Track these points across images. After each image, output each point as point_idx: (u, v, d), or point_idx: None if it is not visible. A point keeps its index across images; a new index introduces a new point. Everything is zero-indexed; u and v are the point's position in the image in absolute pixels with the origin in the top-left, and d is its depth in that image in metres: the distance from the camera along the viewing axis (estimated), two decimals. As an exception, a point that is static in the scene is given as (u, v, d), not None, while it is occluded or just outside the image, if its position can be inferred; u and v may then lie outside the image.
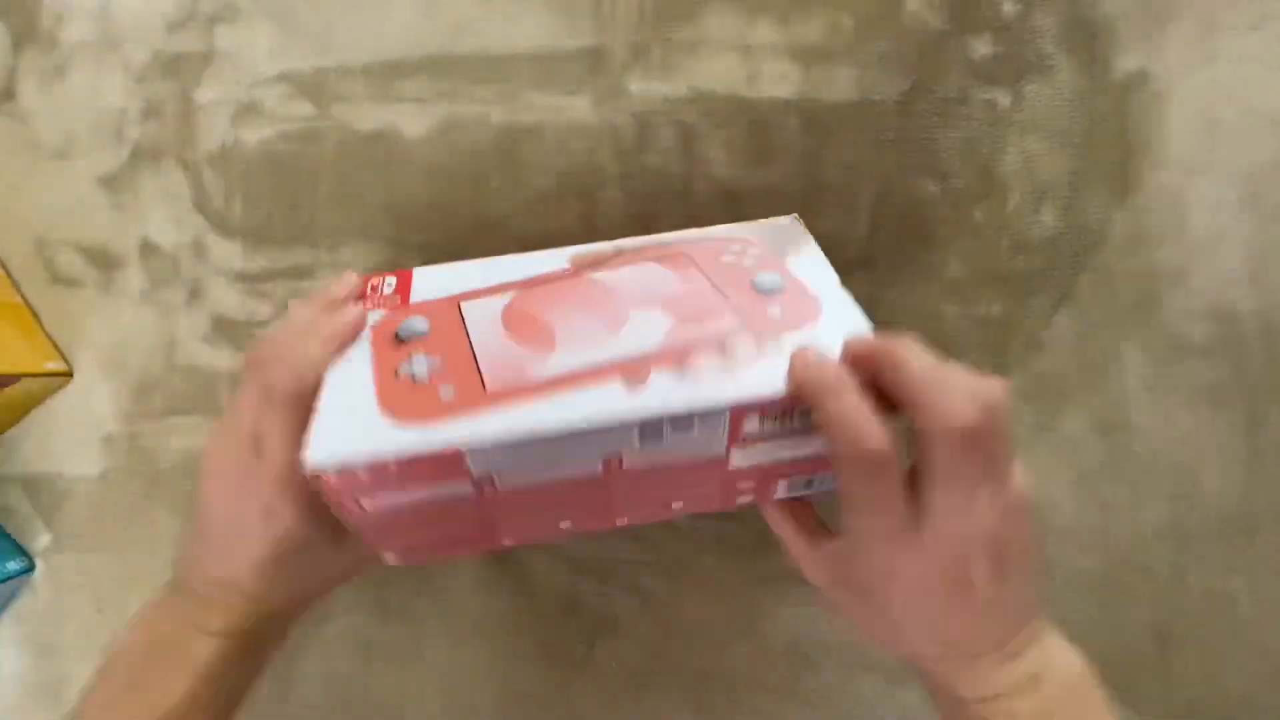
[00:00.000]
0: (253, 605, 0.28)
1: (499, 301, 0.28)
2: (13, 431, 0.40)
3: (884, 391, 0.24)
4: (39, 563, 0.40)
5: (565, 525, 0.28)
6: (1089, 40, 0.36)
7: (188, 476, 0.39)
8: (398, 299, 0.29)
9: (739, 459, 0.26)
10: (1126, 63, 0.36)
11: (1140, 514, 0.36)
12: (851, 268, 0.37)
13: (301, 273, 0.38)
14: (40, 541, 0.40)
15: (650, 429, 0.24)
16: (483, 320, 0.27)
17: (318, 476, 0.23)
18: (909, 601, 0.24)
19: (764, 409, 0.24)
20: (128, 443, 0.39)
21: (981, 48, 0.36)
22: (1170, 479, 0.36)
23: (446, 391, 0.24)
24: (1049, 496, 0.37)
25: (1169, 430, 0.36)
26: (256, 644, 0.28)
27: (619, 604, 0.38)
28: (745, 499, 0.28)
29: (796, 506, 0.29)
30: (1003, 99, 0.36)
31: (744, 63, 0.36)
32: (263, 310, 0.39)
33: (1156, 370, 0.36)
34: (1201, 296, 0.36)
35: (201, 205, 0.39)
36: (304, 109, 0.38)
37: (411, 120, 0.38)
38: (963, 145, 0.36)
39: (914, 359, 0.23)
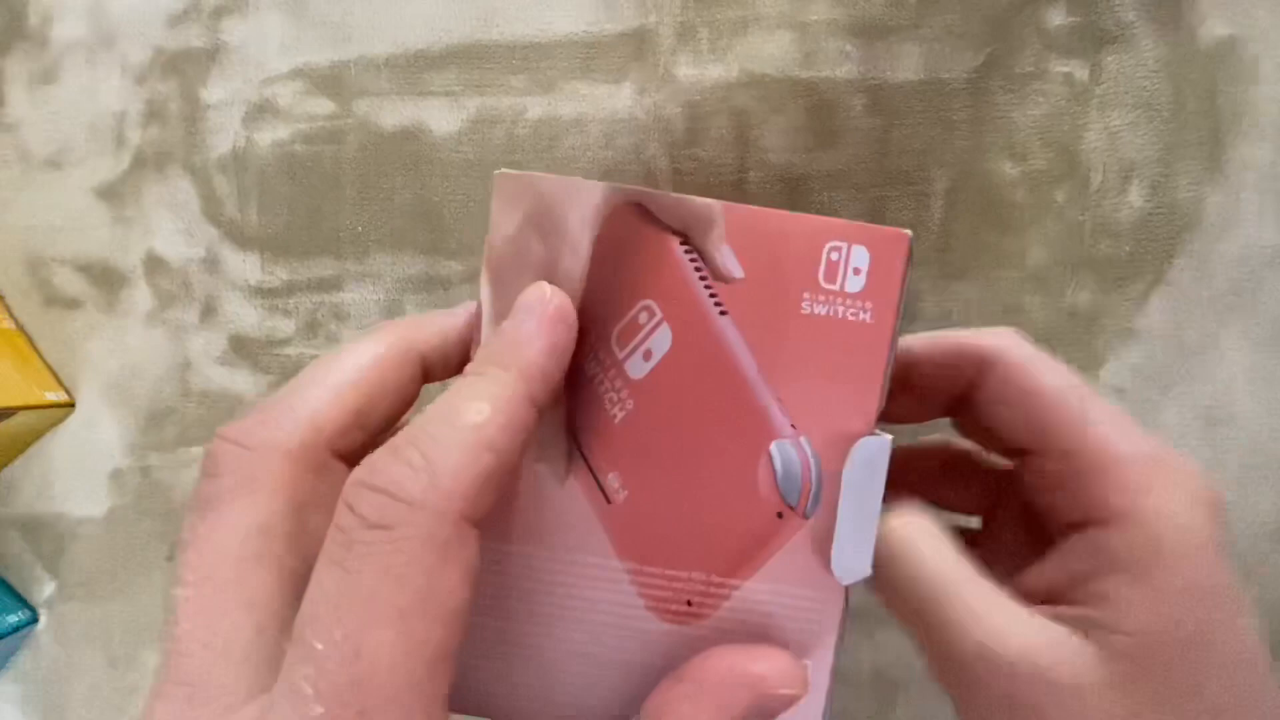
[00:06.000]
0: None
1: None
2: (10, 470, 0.37)
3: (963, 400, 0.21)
4: (42, 614, 0.37)
5: None
6: (1172, 6, 0.33)
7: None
8: None
9: None
10: (1213, 29, 0.33)
11: (1250, 512, 0.34)
12: (925, 258, 0.34)
13: (326, 285, 0.35)
14: (43, 590, 0.37)
15: None
16: None
17: None
18: None
19: None
20: (138, 477, 0.36)
21: (1056, 18, 0.34)
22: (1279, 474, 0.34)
23: None
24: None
25: (1277, 421, 0.34)
26: None
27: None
28: None
29: None
30: (1080, 72, 0.34)
31: (799, 42, 0.34)
32: (284, 328, 0.36)
33: (1260, 358, 0.34)
34: (1304, 277, 0.33)
35: (212, 214, 0.36)
36: (322, 106, 0.35)
37: (441, 115, 0.35)
38: (1040, 123, 0.34)
39: (1060, 384, 0.18)
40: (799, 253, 0.20)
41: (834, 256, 0.20)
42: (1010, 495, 0.23)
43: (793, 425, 0.20)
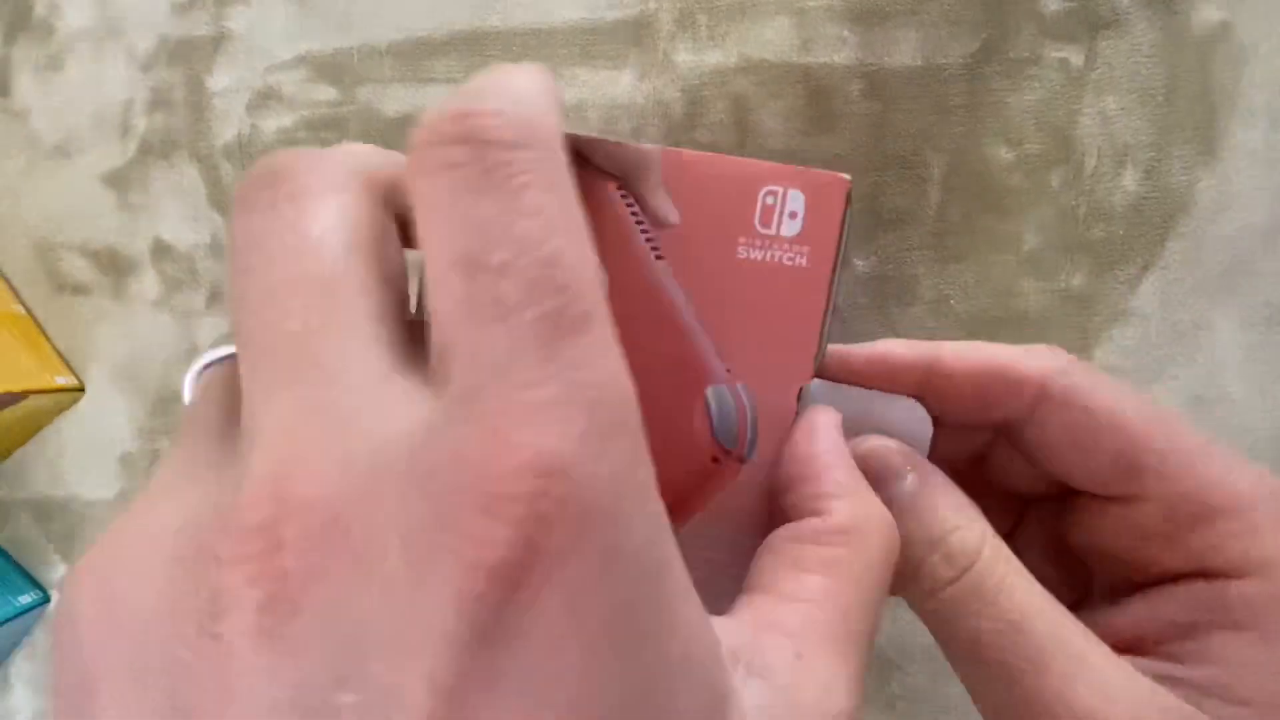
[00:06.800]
0: None
1: None
2: (20, 453, 0.37)
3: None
4: (54, 595, 0.37)
5: None
6: (1166, -9, 0.34)
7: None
8: None
9: None
10: (1206, 15, 0.34)
11: (1241, 493, 0.34)
12: (922, 242, 0.35)
13: (331, 270, 0.36)
14: (54, 572, 0.37)
15: None
16: None
17: None
18: None
19: None
20: (147, 461, 0.37)
21: (1052, 3, 0.34)
22: (1273, 454, 0.34)
23: None
24: (1140, 478, 0.35)
25: (1269, 403, 0.34)
26: None
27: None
28: None
29: None
30: (1076, 57, 0.34)
31: (798, 27, 0.34)
32: (290, 312, 0.36)
33: (1252, 339, 0.34)
34: (1296, 259, 0.34)
35: (218, 201, 0.36)
36: (326, 93, 0.35)
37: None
38: (1036, 108, 0.34)
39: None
40: (735, 197, 0.20)
41: (769, 201, 0.20)
42: (1032, 528, 0.21)
43: (728, 370, 0.20)
